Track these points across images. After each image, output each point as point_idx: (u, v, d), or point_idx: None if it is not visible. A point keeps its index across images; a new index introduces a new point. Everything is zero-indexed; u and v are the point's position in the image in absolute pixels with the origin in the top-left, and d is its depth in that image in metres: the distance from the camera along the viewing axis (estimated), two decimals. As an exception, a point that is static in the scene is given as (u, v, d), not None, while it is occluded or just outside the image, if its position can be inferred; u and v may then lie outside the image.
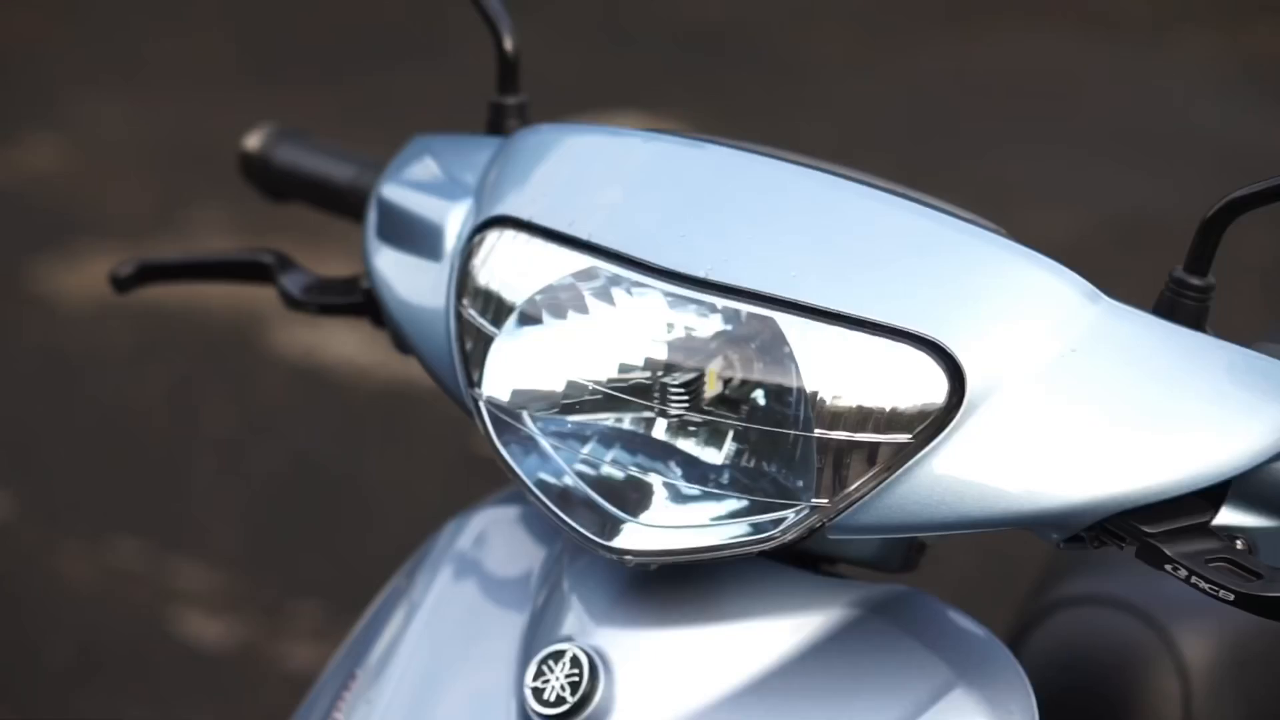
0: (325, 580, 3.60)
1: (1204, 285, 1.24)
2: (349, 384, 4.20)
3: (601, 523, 1.26)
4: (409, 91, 5.59)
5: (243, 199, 4.97)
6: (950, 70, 5.83)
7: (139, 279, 1.63)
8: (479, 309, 1.31)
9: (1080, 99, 5.66)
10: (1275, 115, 5.55)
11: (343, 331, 4.35)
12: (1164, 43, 6.06)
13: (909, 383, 1.19)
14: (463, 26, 5.96)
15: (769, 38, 5.92)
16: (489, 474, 4.02)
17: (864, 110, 5.54)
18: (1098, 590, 1.69)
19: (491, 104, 1.51)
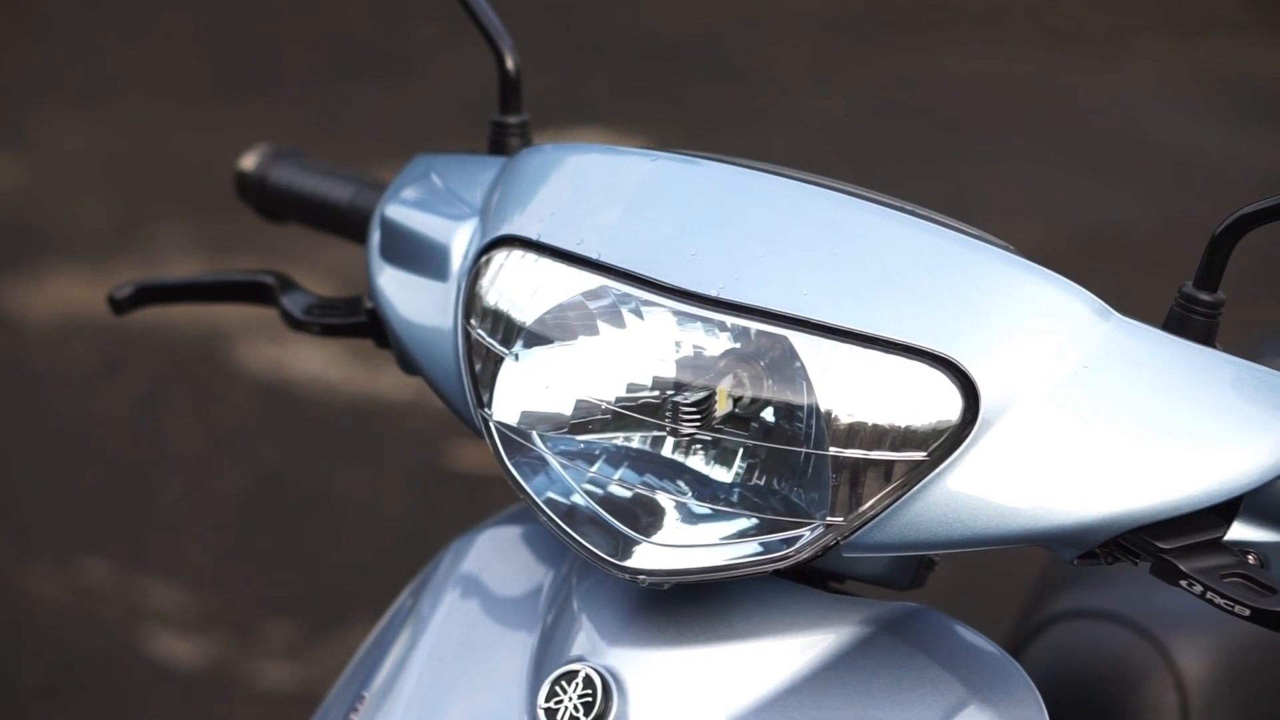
0: (295, 598, 3.59)
1: (1213, 301, 1.24)
2: (316, 400, 4.19)
3: (614, 542, 1.25)
4: (373, 107, 5.57)
5: (206, 217, 4.96)
6: (910, 82, 5.85)
7: (137, 301, 1.62)
8: (487, 329, 1.31)
9: (1040, 110, 5.68)
10: (1231, 126, 5.58)
11: (308, 348, 4.34)
12: (1122, 55, 6.09)
13: (923, 400, 1.19)
14: (427, 42, 5.98)
15: (728, 50, 5.93)
16: (458, 490, 4.01)
17: (824, 122, 5.56)
18: (1093, 604, 1.69)
19: (493, 123, 1.51)
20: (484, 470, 3.95)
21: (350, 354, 4.32)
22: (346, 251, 4.71)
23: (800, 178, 1.31)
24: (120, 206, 5.05)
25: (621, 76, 5.78)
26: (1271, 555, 1.23)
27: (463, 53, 5.93)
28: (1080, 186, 5.16)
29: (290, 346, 4.34)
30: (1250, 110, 5.70)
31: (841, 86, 5.81)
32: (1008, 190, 5.05)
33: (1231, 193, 5.12)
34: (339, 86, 5.73)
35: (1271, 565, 1.23)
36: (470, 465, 3.97)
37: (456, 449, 4.01)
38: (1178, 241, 4.80)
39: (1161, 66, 6.02)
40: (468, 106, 5.56)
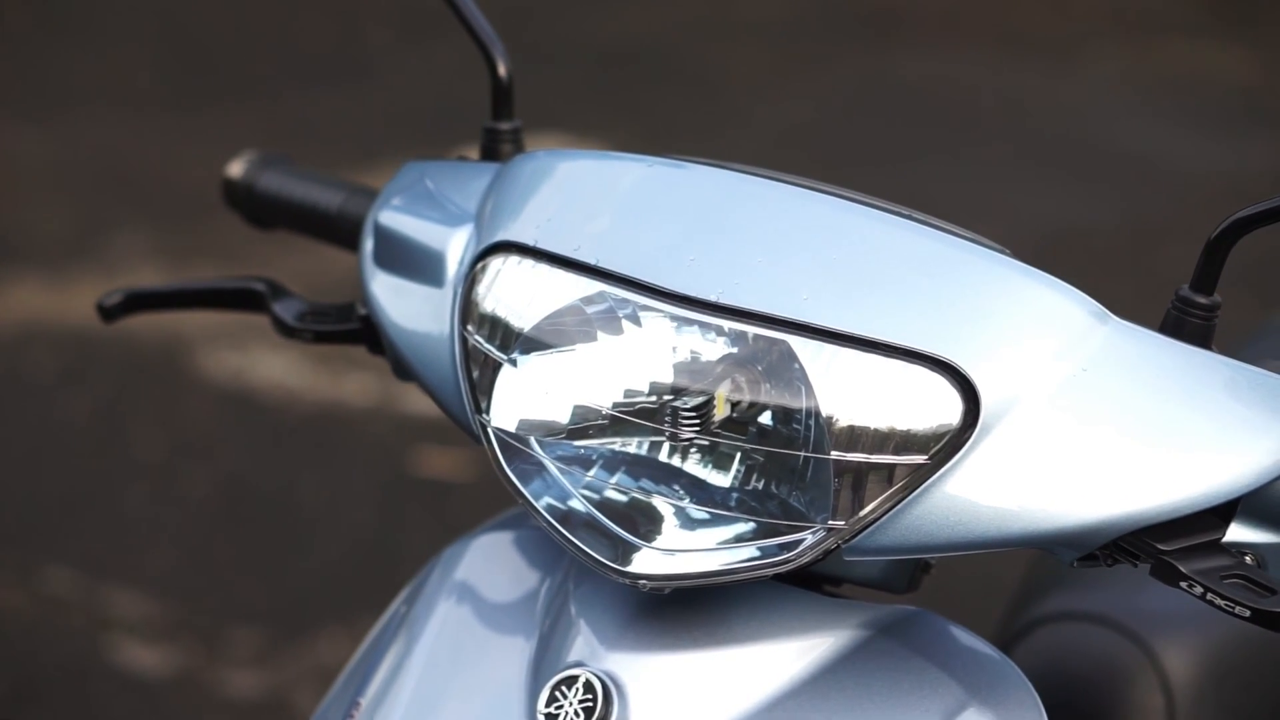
0: (262, 605, 3.58)
1: (1210, 304, 1.25)
2: (279, 407, 4.18)
3: (613, 547, 1.26)
4: (332, 113, 5.56)
5: (166, 225, 4.94)
6: (866, 85, 5.86)
7: (126, 308, 1.61)
8: (485, 335, 1.31)
9: (996, 114, 5.70)
10: (1187, 129, 5.61)
11: (270, 354, 4.33)
12: (1077, 59, 6.11)
13: (924, 404, 1.20)
14: (383, 48, 5.97)
15: (685, 55, 5.93)
16: (423, 497, 4.01)
17: (781, 127, 5.57)
18: (1079, 606, 1.70)
19: (485, 129, 1.51)
20: (448, 477, 3.94)
21: (312, 361, 4.31)
22: (311, 258, 4.70)
23: (796, 182, 1.31)
24: (79, 215, 5.03)
25: (580, 83, 5.78)
26: (1269, 556, 1.24)
27: (419, 58, 5.92)
28: (1037, 190, 5.18)
29: (252, 353, 4.33)
30: (1206, 113, 5.74)
31: (798, 91, 5.82)
32: (964, 194, 5.06)
33: (1189, 195, 5.15)
34: (297, 93, 5.72)
35: (1269, 566, 1.24)
36: (434, 472, 3.96)
37: (420, 455, 4.00)
38: (1136, 245, 4.82)
39: (1117, 70, 6.05)
40: (427, 112, 5.56)
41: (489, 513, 3.93)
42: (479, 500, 3.85)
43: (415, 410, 4.15)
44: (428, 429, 4.08)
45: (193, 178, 5.17)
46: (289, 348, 4.33)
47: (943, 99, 5.79)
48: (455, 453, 4.00)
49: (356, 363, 4.30)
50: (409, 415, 4.13)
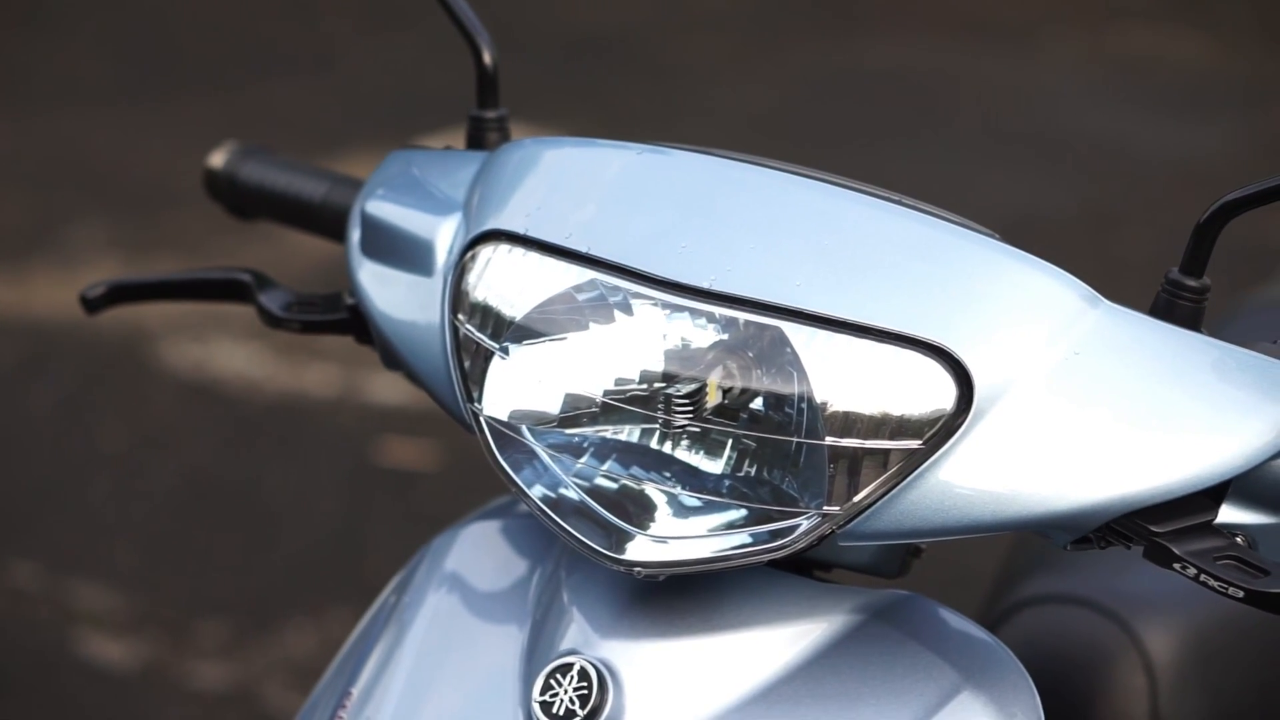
0: (228, 597, 3.57)
1: (1200, 286, 1.25)
2: (241, 398, 4.17)
3: (608, 535, 1.26)
4: (291, 104, 5.55)
5: (123, 217, 4.91)
6: (826, 73, 5.87)
7: (110, 299, 1.60)
8: (476, 324, 1.30)
9: (954, 101, 5.72)
10: (1144, 113, 5.63)
11: (230, 345, 4.31)
12: (1034, 45, 6.13)
13: (917, 389, 1.20)
14: (341, 39, 5.95)
15: (647, 44, 5.94)
16: (388, 486, 4.00)
17: (741, 114, 5.57)
18: (1060, 589, 1.70)
19: (471, 118, 1.51)
20: (413, 466, 3.94)
21: (274, 351, 4.30)
22: (275, 248, 4.68)
23: (786, 169, 1.31)
24: (38, 207, 5.00)
25: (542, 71, 5.77)
26: (1259, 537, 1.25)
27: (379, 48, 5.91)
28: (997, 174, 5.19)
29: (213, 344, 4.32)
30: (1163, 97, 5.76)
31: (758, 78, 5.83)
32: (924, 179, 5.08)
33: (1148, 179, 5.17)
34: (258, 84, 5.70)
35: (1259, 547, 1.25)
36: (399, 462, 3.96)
37: (384, 445, 4.00)
38: (1095, 228, 4.84)
39: (1074, 56, 6.07)
40: (389, 101, 5.55)
41: (455, 502, 3.94)
42: (444, 490, 3.85)
43: (378, 400, 4.14)
44: (391, 419, 4.08)
45: (154, 170, 5.15)
46: (250, 339, 4.32)
47: (902, 84, 5.81)
48: (419, 442, 4.00)
49: (318, 354, 4.29)
50: (372, 405, 4.13)
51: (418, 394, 4.25)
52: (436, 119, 5.31)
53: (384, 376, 4.21)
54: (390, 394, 4.15)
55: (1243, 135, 5.51)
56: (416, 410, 4.10)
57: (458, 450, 3.97)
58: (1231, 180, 4.71)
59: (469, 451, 3.94)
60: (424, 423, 4.06)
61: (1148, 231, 4.82)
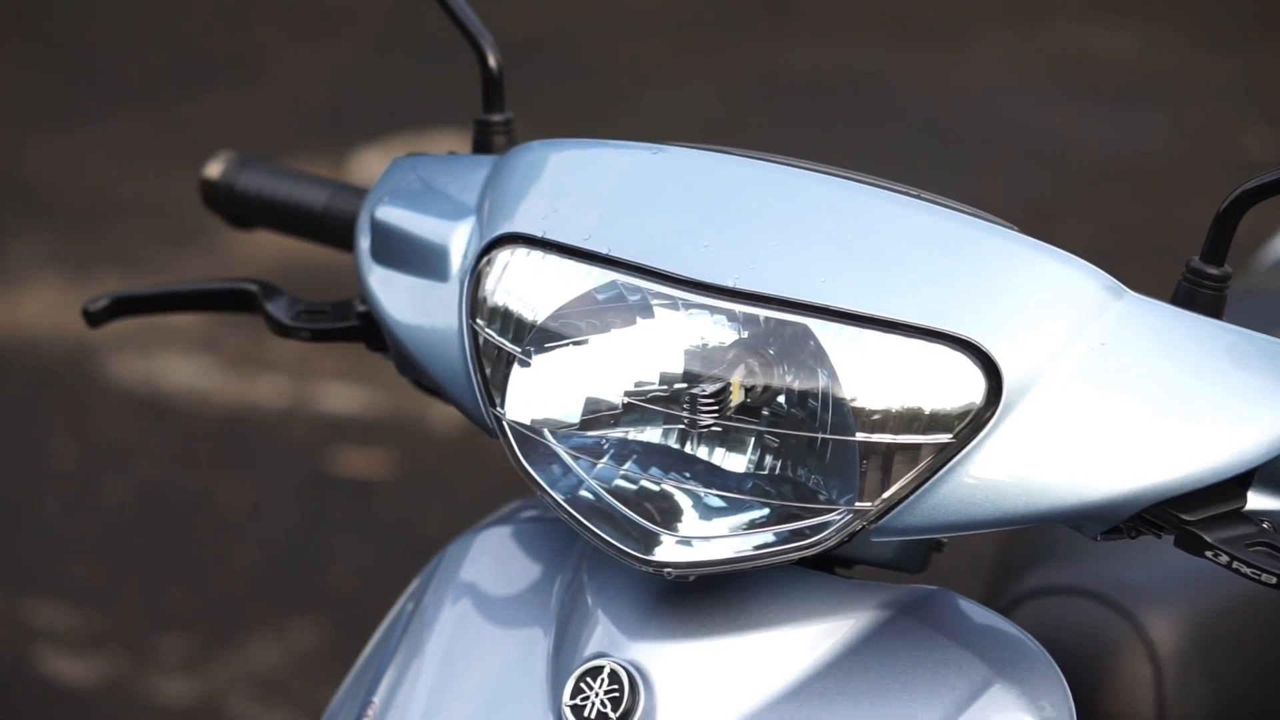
0: (188, 611, 3.54)
1: (1221, 274, 1.26)
2: (191, 410, 4.14)
3: (636, 537, 1.25)
4: (227, 114, 5.51)
5: (61, 233, 4.86)
6: (760, 72, 5.88)
7: (112, 313, 1.59)
8: (497, 329, 1.30)
9: (890, 98, 5.74)
10: (1075, 108, 5.66)
11: (178, 359, 4.28)
12: (966, 42, 6.16)
13: (946, 383, 1.20)
14: (275, 48, 5.91)
15: (581, 47, 5.93)
16: (344, 496, 3.97)
17: (678, 114, 5.57)
18: (1062, 580, 1.71)
19: (477, 122, 1.50)
20: (368, 476, 3.92)
21: (222, 363, 4.27)
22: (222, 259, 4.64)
23: (802, 165, 1.31)
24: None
25: (476, 76, 5.75)
26: None
27: (312, 59, 5.88)
28: (932, 169, 5.21)
29: (159, 358, 4.28)
30: (1092, 92, 5.80)
31: (694, 79, 5.83)
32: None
33: (1081, 173, 5.20)
34: (190, 97, 5.66)
35: (1285, 533, 1.25)
36: (354, 471, 3.94)
37: (338, 455, 3.98)
38: (1031, 221, 4.86)
39: (1005, 52, 6.10)
40: (325, 112, 5.52)
41: (412, 511, 3.91)
42: (401, 499, 3.84)
43: (330, 411, 4.12)
44: (344, 429, 4.06)
45: (90, 185, 5.11)
46: (196, 352, 4.29)
47: (836, 82, 5.82)
48: (373, 452, 3.98)
49: (267, 365, 4.27)
50: (324, 416, 4.11)
51: (370, 403, 4.23)
52: (374, 129, 5.31)
53: (334, 386, 4.19)
54: (342, 404, 4.14)
55: (1174, 128, 5.56)
56: (369, 419, 4.09)
57: (412, 458, 3.96)
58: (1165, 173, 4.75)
59: (424, 460, 3.93)
60: (377, 432, 4.05)
61: (1086, 225, 4.85)
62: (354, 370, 4.24)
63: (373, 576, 3.60)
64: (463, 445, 4.00)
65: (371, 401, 4.15)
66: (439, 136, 5.25)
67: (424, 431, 4.05)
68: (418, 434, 4.04)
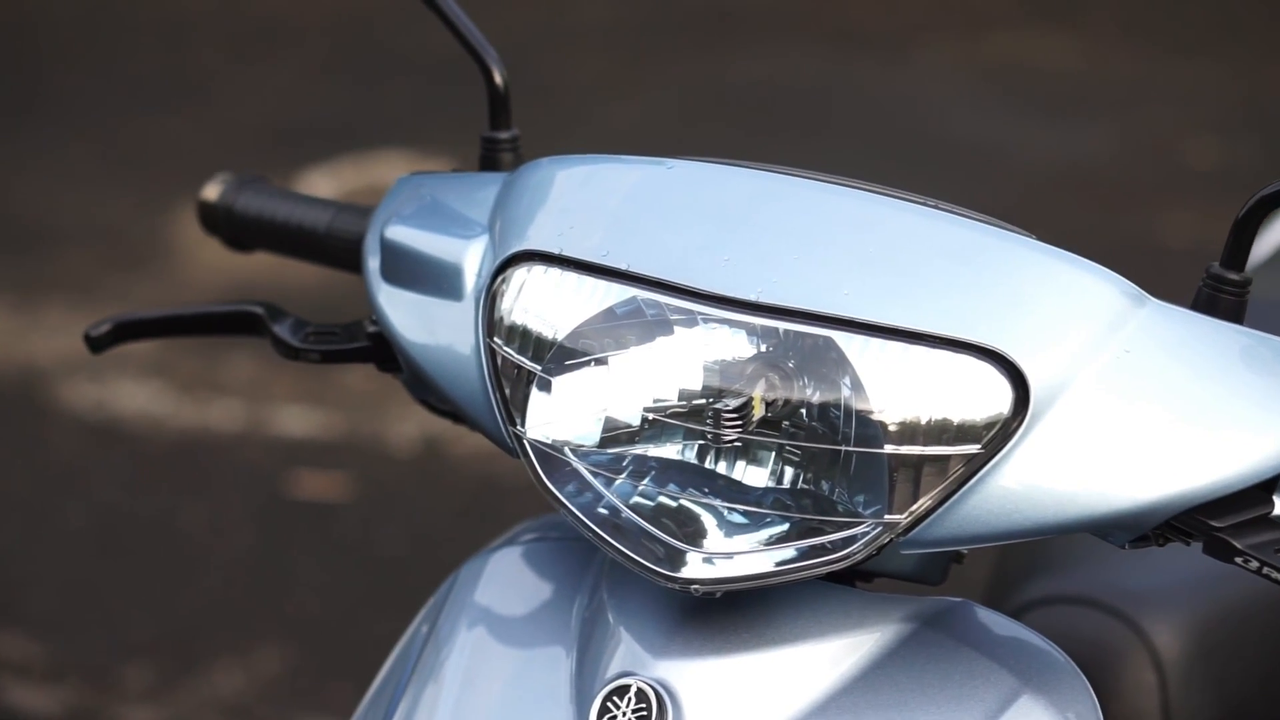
0: (150, 638, 3.51)
1: (1242, 280, 1.26)
2: (145, 435, 4.10)
3: (662, 554, 1.24)
4: (170, 137, 5.47)
5: (5, 258, 4.81)
6: (706, 86, 5.88)
7: (115, 337, 1.57)
8: (515, 347, 1.29)
9: (836, 109, 5.75)
10: (1017, 117, 5.69)
11: (130, 383, 4.25)
12: (908, 53, 6.18)
13: (973, 393, 1.20)
14: (217, 69, 5.88)
15: (528, 60, 5.91)
16: (303, 519, 3.94)
17: (623, 128, 5.57)
18: (1064, 590, 1.71)
19: (484, 139, 1.49)
20: (326, 498, 3.90)
21: (176, 388, 4.24)
22: (167, 284, 4.60)
23: (816, 177, 1.31)
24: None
25: (422, 93, 5.74)
26: None
27: (254, 79, 5.85)
28: (878, 181, 5.22)
29: (112, 384, 4.25)
30: (1033, 102, 5.82)
31: (636, 93, 5.83)
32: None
33: (1025, 182, 5.21)
34: (131, 118, 5.62)
35: (1310, 537, 1.25)
36: (312, 494, 3.91)
37: (295, 478, 3.95)
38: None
39: (947, 63, 6.12)
40: (268, 132, 5.49)
41: (372, 532, 3.89)
42: (360, 520, 3.81)
43: (285, 433, 4.10)
44: (300, 452, 4.03)
45: (32, 209, 5.07)
46: (148, 376, 4.26)
47: (781, 94, 5.83)
48: (330, 474, 3.96)
49: (220, 388, 4.24)
50: (279, 439, 4.08)
51: (326, 425, 4.20)
52: (319, 150, 5.29)
53: (289, 409, 4.16)
54: (297, 426, 4.11)
55: (1113, 135, 5.59)
56: (325, 441, 4.06)
57: (370, 480, 3.94)
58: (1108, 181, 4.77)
59: (382, 482, 3.91)
60: (333, 454, 4.02)
61: (1033, 231, 4.86)
62: (310, 393, 4.22)
63: (334, 599, 3.57)
64: (421, 466, 3.98)
65: (328, 423, 4.12)
66: (386, 158, 5.24)
67: (381, 453, 4.03)
68: (375, 455, 4.02)
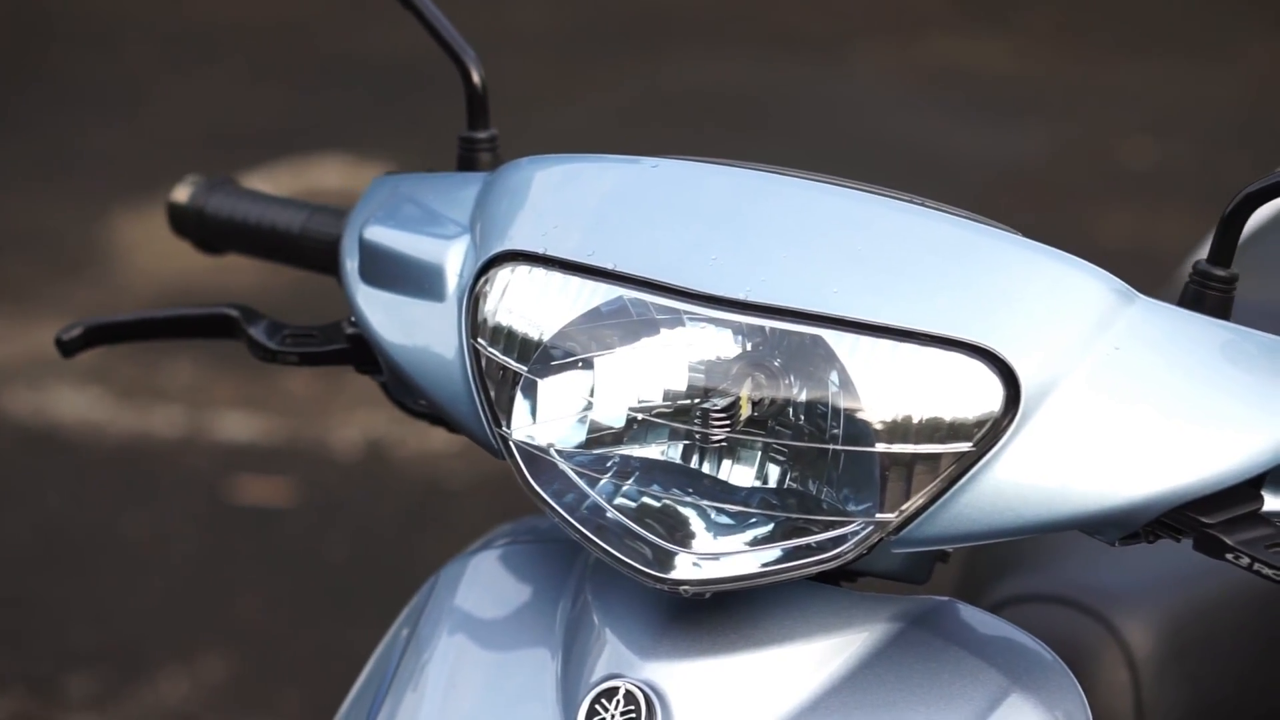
0: (95, 647, 3.48)
1: (1228, 276, 1.26)
2: (85, 442, 4.07)
3: (651, 555, 1.23)
4: (104, 144, 5.43)
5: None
6: (643, 92, 5.88)
7: (86, 341, 1.55)
8: (501, 348, 1.28)
9: (772, 113, 5.75)
10: (952, 119, 5.71)
11: (69, 390, 4.21)
12: (843, 57, 6.19)
13: (964, 391, 1.20)
14: (147, 73, 5.84)
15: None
16: (246, 525, 3.91)
17: (560, 136, 5.56)
18: (1037, 589, 1.71)
19: (461, 139, 1.48)
20: (268, 504, 3.88)
21: (115, 394, 4.21)
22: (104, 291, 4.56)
23: (803, 176, 1.30)
24: None
25: (360, 100, 5.72)
26: None
27: (188, 85, 5.81)
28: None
29: (49, 391, 4.21)
30: (968, 103, 5.84)
31: (573, 99, 5.82)
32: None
33: (963, 183, 5.23)
34: (62, 124, 5.57)
35: (1299, 533, 1.25)
36: (254, 499, 3.89)
37: (237, 484, 3.93)
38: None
39: (882, 66, 6.13)
40: (203, 140, 5.45)
41: (317, 538, 3.86)
42: (304, 526, 3.79)
43: (227, 439, 4.07)
44: (242, 458, 4.01)
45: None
46: (87, 384, 4.22)
47: (718, 99, 5.83)
48: (273, 480, 3.94)
49: (160, 395, 4.21)
50: (221, 444, 4.05)
51: (267, 430, 4.17)
52: (252, 156, 5.25)
53: (230, 415, 4.13)
54: (237, 433, 4.08)
55: (1048, 136, 5.61)
56: (267, 447, 4.04)
57: (313, 485, 3.92)
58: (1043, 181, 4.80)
59: (324, 486, 3.89)
60: (275, 460, 4.00)
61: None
62: (251, 397, 4.19)
63: (279, 605, 3.55)
64: (365, 470, 3.96)
65: (270, 428, 4.10)
66: (321, 163, 5.22)
67: (324, 457, 4.00)
68: (318, 460, 4.00)
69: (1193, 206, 5.04)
